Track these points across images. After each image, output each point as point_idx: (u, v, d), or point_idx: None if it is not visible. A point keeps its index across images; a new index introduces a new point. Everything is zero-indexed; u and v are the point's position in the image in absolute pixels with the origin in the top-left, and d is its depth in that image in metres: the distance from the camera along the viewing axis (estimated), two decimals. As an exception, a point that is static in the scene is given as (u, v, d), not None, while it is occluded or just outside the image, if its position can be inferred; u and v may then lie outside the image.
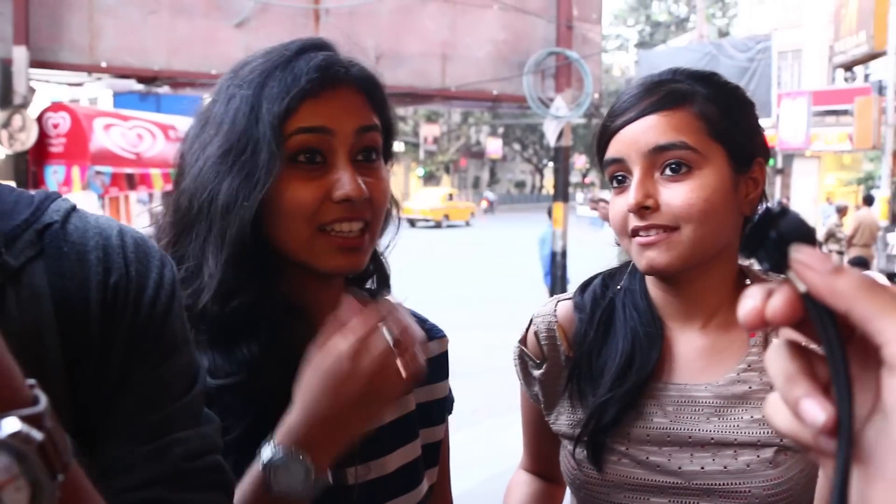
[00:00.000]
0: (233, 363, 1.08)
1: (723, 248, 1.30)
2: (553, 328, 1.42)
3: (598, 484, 1.33)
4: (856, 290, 0.44)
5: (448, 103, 11.71)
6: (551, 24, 10.35)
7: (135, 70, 8.85)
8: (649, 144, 1.24)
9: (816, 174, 32.12)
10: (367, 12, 9.59)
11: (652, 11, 55.07)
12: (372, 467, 1.21)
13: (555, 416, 1.43)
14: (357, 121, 1.12)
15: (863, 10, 16.63)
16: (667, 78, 1.31)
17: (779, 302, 0.46)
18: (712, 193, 1.23)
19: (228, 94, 1.12)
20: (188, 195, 1.11)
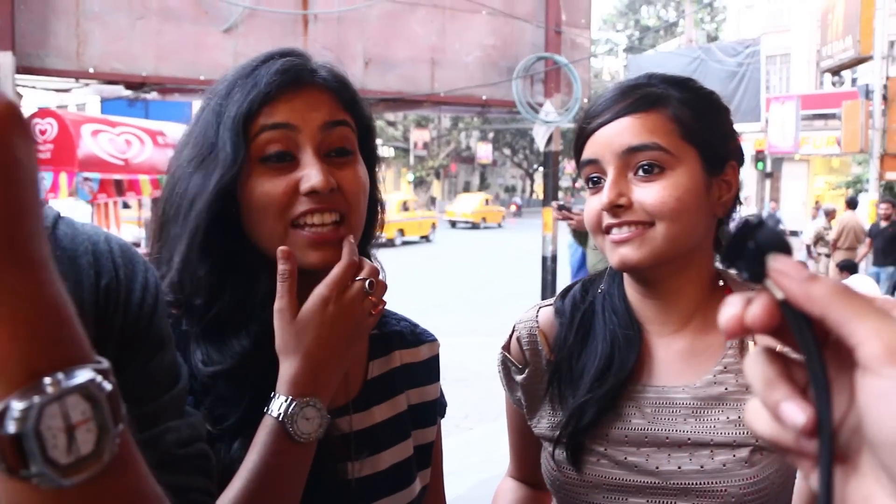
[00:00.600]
0: (225, 355, 1.12)
1: (695, 249, 1.32)
2: (535, 334, 1.43)
3: (577, 484, 1.34)
4: (830, 295, 0.46)
5: (437, 108, 11.72)
6: (540, 30, 10.37)
7: (123, 76, 8.83)
8: (623, 145, 1.26)
9: (805, 177, 32.30)
10: (356, 18, 9.59)
11: (641, 16, 55.28)
12: (364, 465, 1.24)
13: (536, 419, 1.44)
14: (322, 116, 1.14)
15: (849, 16, 16.73)
16: (642, 82, 1.33)
17: (758, 309, 0.48)
18: (684, 193, 1.25)
19: (206, 103, 1.18)
20: (164, 200, 1.19)
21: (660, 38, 46.78)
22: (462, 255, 23.79)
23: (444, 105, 10.71)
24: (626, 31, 54.56)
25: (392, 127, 43.42)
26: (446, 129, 48.55)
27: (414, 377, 1.38)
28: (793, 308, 0.47)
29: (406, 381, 1.36)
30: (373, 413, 1.28)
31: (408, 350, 1.38)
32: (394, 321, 1.40)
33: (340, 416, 1.23)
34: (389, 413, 1.31)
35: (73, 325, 0.57)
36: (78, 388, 0.55)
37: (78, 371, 0.56)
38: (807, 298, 0.47)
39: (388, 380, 1.33)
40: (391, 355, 1.35)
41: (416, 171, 46.44)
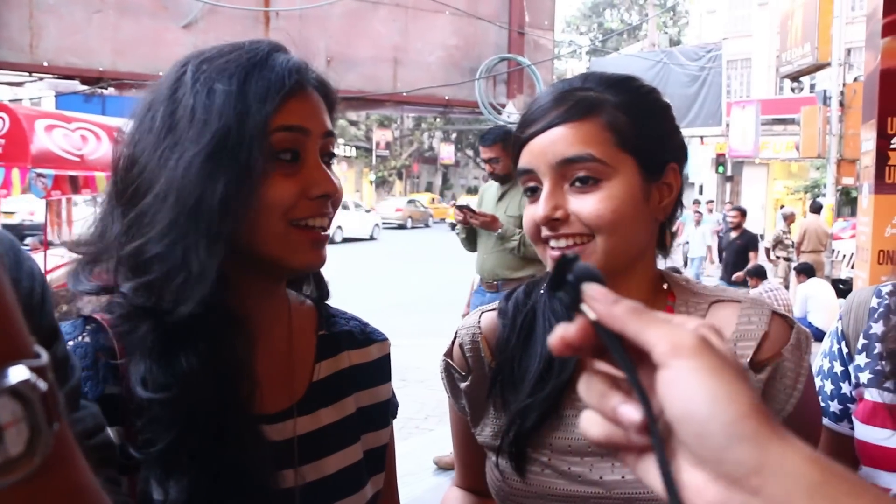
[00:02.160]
0: (168, 375, 1.05)
1: (638, 256, 1.30)
2: (477, 339, 1.42)
3: (521, 494, 1.32)
4: (627, 313, 0.59)
5: (399, 108, 11.68)
6: (503, 30, 10.37)
7: (78, 70, 8.66)
8: (557, 157, 1.24)
9: (765, 181, 32.79)
10: (318, 15, 9.52)
11: (604, 19, 55.72)
12: (309, 470, 1.21)
13: (480, 427, 1.42)
14: (324, 125, 1.17)
15: (807, 23, 16.97)
16: (577, 85, 1.30)
17: (574, 328, 0.61)
18: (620, 204, 1.23)
19: (204, 85, 1.09)
20: (168, 194, 1.06)
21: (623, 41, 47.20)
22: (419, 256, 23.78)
23: (406, 105, 10.67)
24: (590, 34, 54.94)
25: (354, 126, 43.27)
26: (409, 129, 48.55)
27: (364, 378, 1.34)
28: (603, 326, 0.59)
29: (355, 382, 1.33)
30: (319, 416, 1.25)
31: (357, 350, 1.35)
32: (343, 321, 1.37)
33: (284, 420, 1.20)
34: (337, 416, 1.27)
35: (8, 316, 0.56)
36: (7, 389, 0.54)
37: (10, 369, 0.55)
38: (610, 317, 0.59)
39: (336, 381, 1.30)
40: (339, 356, 1.32)
41: (378, 171, 46.34)
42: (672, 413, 0.57)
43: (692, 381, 0.56)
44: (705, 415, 0.55)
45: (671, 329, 0.58)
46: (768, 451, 0.54)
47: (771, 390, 1.29)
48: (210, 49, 1.16)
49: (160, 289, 1.05)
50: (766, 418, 0.56)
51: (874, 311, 1.51)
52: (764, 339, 1.29)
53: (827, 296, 10.88)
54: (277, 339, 1.26)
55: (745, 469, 0.54)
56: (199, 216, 1.05)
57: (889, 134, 4.74)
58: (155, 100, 1.12)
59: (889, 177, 4.77)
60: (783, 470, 0.54)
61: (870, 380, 1.46)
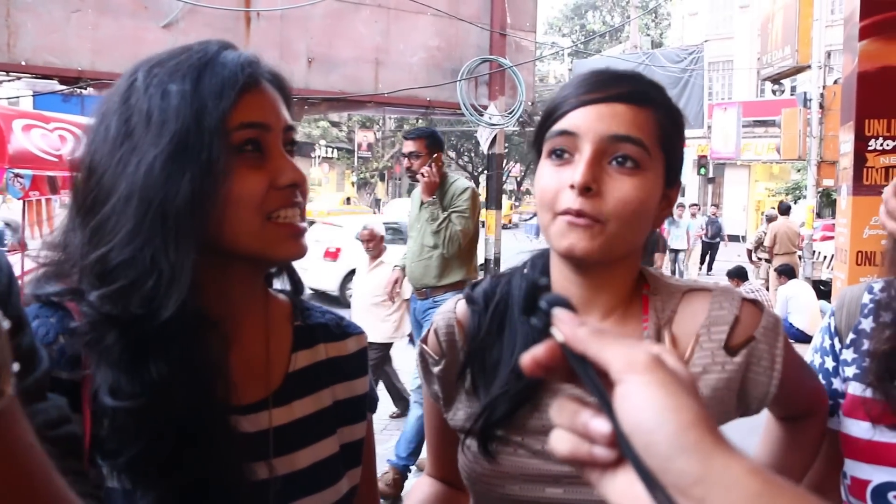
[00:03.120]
0: (136, 383, 1.03)
1: (631, 252, 1.33)
2: (452, 324, 1.43)
3: (493, 475, 1.33)
4: (589, 336, 0.64)
5: (381, 109, 11.65)
6: (485, 32, 10.38)
7: (57, 70, 8.58)
8: (611, 130, 1.23)
9: (747, 183, 33.01)
10: (300, 16, 9.48)
11: (587, 21, 55.88)
12: (284, 462, 1.21)
13: (453, 412, 1.43)
14: (284, 119, 1.18)
15: (788, 26, 17.11)
16: (630, 75, 1.32)
17: (542, 349, 0.66)
18: (647, 197, 1.25)
19: (157, 88, 1.09)
20: (130, 198, 1.05)
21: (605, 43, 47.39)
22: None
23: (387, 106, 10.65)
24: (572, 36, 55.05)
25: (336, 128, 43.17)
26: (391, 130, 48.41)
27: (341, 371, 1.34)
28: (569, 348, 0.64)
29: (332, 375, 1.32)
30: (294, 408, 1.25)
31: (334, 343, 1.35)
32: (318, 314, 1.37)
33: (259, 411, 1.20)
34: (312, 408, 1.27)
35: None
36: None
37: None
38: (574, 339, 0.64)
39: (313, 373, 1.30)
40: (316, 348, 1.32)
41: (359, 172, 46.23)
42: (625, 425, 0.60)
43: (642, 395, 0.60)
44: (652, 425, 0.58)
45: (627, 349, 0.62)
46: (711, 462, 0.57)
47: (750, 374, 1.32)
48: (158, 55, 1.16)
49: (129, 296, 1.04)
50: (709, 429, 0.59)
51: (865, 307, 1.53)
52: (736, 324, 1.32)
53: (807, 297, 10.97)
54: (253, 330, 1.26)
55: (688, 479, 0.57)
56: (165, 217, 1.04)
57: (867, 136, 4.78)
58: (108, 110, 1.12)
59: (867, 178, 4.81)
60: (725, 480, 0.56)
61: (855, 374, 1.48)
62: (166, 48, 1.17)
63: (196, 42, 1.17)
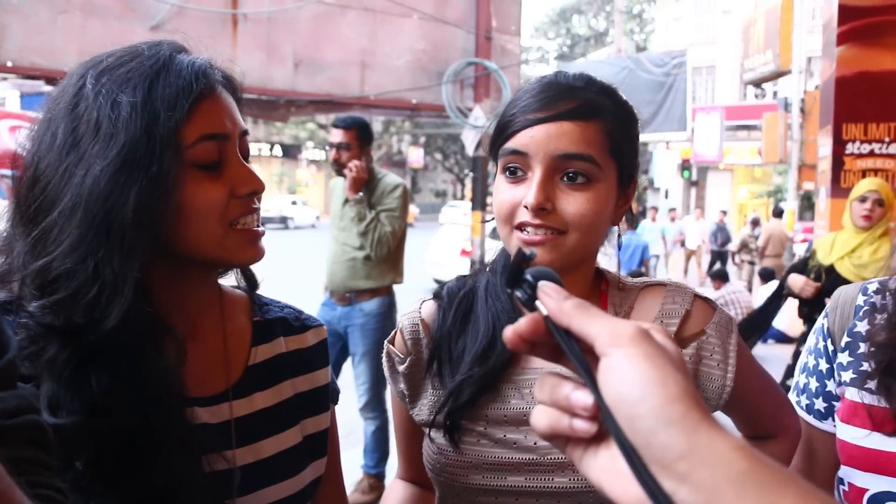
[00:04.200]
0: (76, 398, 1.01)
1: (592, 254, 1.39)
2: (417, 324, 1.47)
3: (456, 465, 1.36)
4: (574, 309, 0.63)
5: (367, 111, 11.66)
6: (470, 35, 10.43)
7: (43, 71, 8.55)
8: (559, 150, 1.27)
9: (729, 186, 33.13)
10: (286, 19, 9.50)
11: (572, 25, 55.95)
12: (246, 453, 1.22)
13: (418, 407, 1.46)
14: (240, 123, 1.18)
15: (769, 30, 17.24)
16: (580, 85, 1.33)
17: (526, 322, 0.64)
18: (602, 207, 1.30)
19: (107, 98, 1.06)
20: (75, 210, 1.04)
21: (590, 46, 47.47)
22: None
23: (373, 108, 10.66)
24: (558, 40, 55.15)
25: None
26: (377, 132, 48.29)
27: (301, 364, 1.36)
28: (553, 321, 0.63)
29: (292, 367, 1.35)
30: (255, 400, 1.27)
31: (293, 337, 1.37)
32: (276, 308, 1.39)
33: (219, 403, 1.22)
34: (273, 400, 1.29)
35: None
36: None
37: None
38: (559, 312, 0.63)
39: (272, 366, 1.32)
40: (276, 341, 1.34)
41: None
42: (609, 398, 0.58)
43: (627, 367, 0.58)
44: (636, 397, 0.57)
45: (613, 322, 0.61)
46: (696, 437, 0.55)
47: (703, 367, 1.38)
48: (107, 56, 1.13)
49: (70, 306, 1.02)
50: (696, 404, 0.57)
51: (860, 308, 1.50)
52: (686, 318, 1.38)
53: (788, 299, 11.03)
54: (210, 324, 1.27)
55: (672, 454, 0.55)
56: (110, 229, 1.03)
57: (844, 140, 4.86)
58: (54, 116, 1.09)
59: (844, 181, 4.90)
60: (711, 456, 0.55)
61: (852, 379, 1.45)
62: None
63: (146, 44, 1.14)
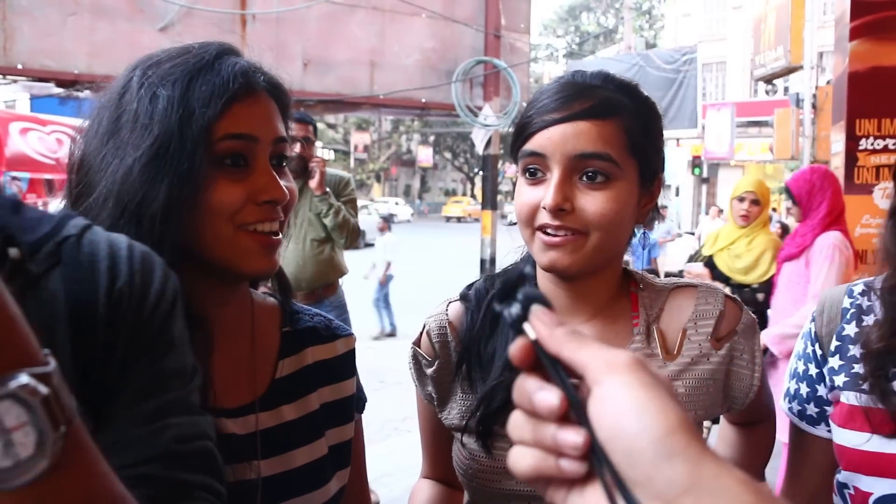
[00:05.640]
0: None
1: (617, 255, 1.37)
2: (444, 327, 1.45)
3: (489, 471, 1.35)
4: (564, 337, 0.59)
5: (376, 111, 11.69)
6: (479, 34, 10.42)
7: (53, 73, 8.61)
8: (576, 150, 1.25)
9: (740, 184, 32.92)
10: (295, 19, 9.51)
11: (581, 22, 55.91)
12: (272, 464, 1.21)
13: (447, 410, 1.44)
14: (275, 131, 1.16)
15: (780, 26, 17.15)
16: (597, 84, 1.32)
17: (516, 347, 0.60)
18: (623, 206, 1.28)
19: (148, 91, 1.08)
20: (108, 197, 1.06)
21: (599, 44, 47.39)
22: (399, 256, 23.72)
23: (383, 107, 10.69)
24: (567, 37, 55.09)
25: (332, 129, 43.20)
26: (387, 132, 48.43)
27: (328, 374, 1.35)
28: (541, 346, 0.59)
29: (319, 378, 1.33)
30: (281, 412, 1.26)
31: (322, 346, 1.36)
32: (307, 317, 1.38)
33: (246, 415, 1.21)
34: (299, 412, 1.28)
35: (12, 328, 0.59)
36: (8, 393, 0.58)
37: (13, 375, 0.58)
38: (550, 338, 0.59)
39: (299, 378, 1.31)
40: (303, 353, 1.33)
41: (356, 173, 46.18)
42: (603, 430, 0.55)
43: (623, 395, 0.55)
44: (635, 429, 0.53)
45: (605, 350, 0.58)
46: (701, 470, 0.52)
47: (734, 368, 1.38)
48: (161, 53, 1.15)
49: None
50: (695, 435, 0.54)
51: (846, 311, 1.47)
52: (721, 318, 1.37)
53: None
54: (240, 336, 1.26)
55: (676, 488, 0.52)
56: (140, 220, 1.04)
57: (857, 136, 4.82)
58: (104, 104, 1.12)
59: (858, 177, 4.86)
60: (716, 490, 0.52)
61: (845, 383, 1.42)
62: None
63: (199, 43, 1.15)
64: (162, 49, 1.16)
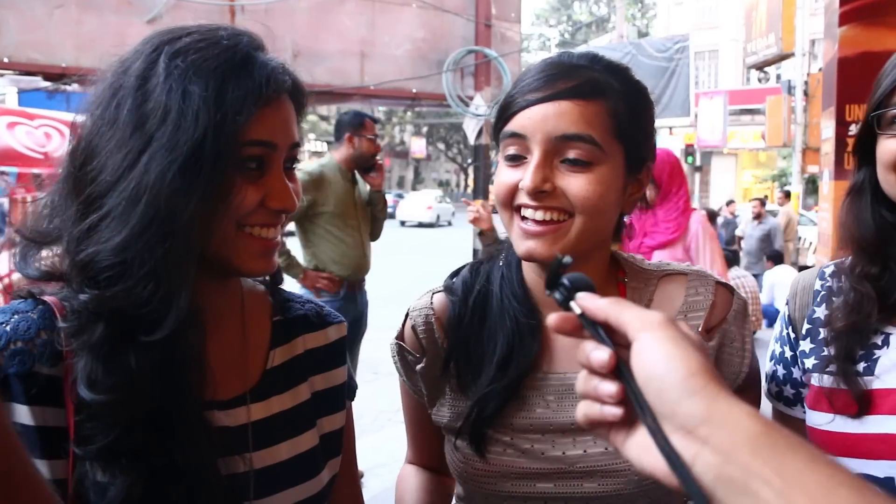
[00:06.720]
0: (115, 376, 1.01)
1: (602, 242, 1.33)
2: (430, 320, 1.42)
3: (484, 475, 1.33)
4: (608, 304, 0.74)
5: (367, 101, 11.63)
6: (470, 23, 10.38)
7: (41, 66, 8.55)
8: (558, 130, 1.21)
9: (734, 171, 33.04)
10: (284, 9, 9.46)
11: (573, 12, 55.80)
12: (264, 456, 1.21)
13: (437, 408, 1.42)
14: (292, 137, 1.15)
15: (772, 13, 17.15)
16: (584, 64, 1.28)
17: (561, 320, 0.78)
18: (606, 191, 1.23)
19: (179, 84, 1.03)
20: (136, 201, 1.01)
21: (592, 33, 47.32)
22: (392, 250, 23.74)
23: (374, 98, 10.65)
24: (559, 27, 54.99)
25: (325, 122, 43.05)
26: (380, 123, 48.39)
27: (319, 362, 1.34)
28: (586, 317, 0.75)
29: (310, 367, 1.32)
30: (272, 403, 1.25)
31: (313, 334, 1.35)
32: (298, 304, 1.37)
33: (238, 406, 1.20)
34: (291, 403, 1.27)
35: None
36: None
37: None
38: (597, 309, 0.75)
39: (290, 368, 1.30)
40: (294, 342, 1.32)
41: (350, 165, 46.07)
42: (640, 377, 0.68)
43: (655, 347, 0.68)
44: (662, 372, 0.66)
45: (641, 311, 0.72)
46: (715, 404, 0.64)
47: (723, 355, 1.36)
48: (183, 33, 1.10)
49: (123, 300, 1.02)
50: (714, 377, 0.66)
51: (818, 293, 1.49)
52: (712, 308, 1.35)
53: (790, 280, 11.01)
54: (230, 326, 1.25)
55: (695, 420, 0.64)
56: (173, 228, 1.01)
57: (847, 121, 4.80)
58: (122, 86, 1.06)
59: (848, 163, 4.84)
60: (728, 421, 0.63)
61: (815, 365, 1.44)
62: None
63: (225, 30, 1.12)
64: (182, 28, 1.11)
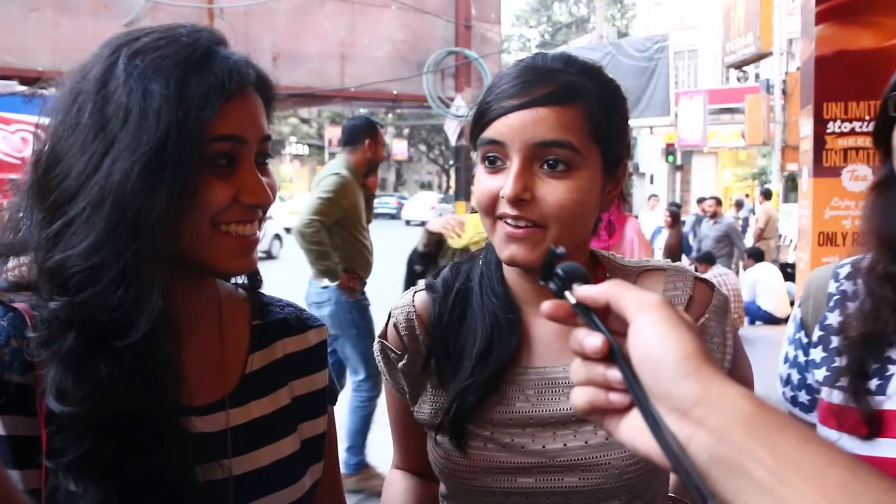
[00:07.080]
0: (85, 386, 0.99)
1: (581, 244, 1.33)
2: (412, 318, 1.41)
3: (465, 470, 1.33)
4: (607, 287, 0.74)
5: (348, 104, 11.61)
6: (450, 24, 10.40)
7: (17, 70, 8.45)
8: (536, 138, 1.21)
9: (714, 170, 33.24)
10: (263, 12, 9.44)
11: (553, 12, 55.97)
12: (243, 461, 1.19)
13: (418, 405, 1.42)
14: (261, 130, 1.13)
15: (750, 13, 17.27)
16: (559, 67, 1.27)
17: (556, 308, 0.78)
18: (584, 195, 1.23)
19: (139, 83, 1.01)
20: (102, 204, 0.99)
21: (572, 34, 47.47)
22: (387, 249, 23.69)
23: (354, 100, 10.63)
24: (539, 28, 55.14)
25: (306, 124, 42.97)
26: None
27: (299, 367, 1.32)
28: (581, 306, 0.76)
29: (290, 372, 1.30)
30: (252, 408, 1.23)
31: (293, 338, 1.32)
32: (277, 308, 1.34)
33: (216, 412, 1.18)
34: (270, 408, 1.25)
35: None
36: None
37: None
38: (596, 294, 0.75)
39: (270, 373, 1.27)
40: (273, 346, 1.29)
41: (331, 168, 46.02)
42: (636, 358, 0.69)
43: (652, 329, 0.69)
44: (658, 354, 0.67)
45: (640, 293, 0.73)
46: (709, 386, 0.65)
47: None
48: (141, 34, 1.07)
49: (93, 306, 0.99)
50: (708, 359, 0.67)
51: (831, 296, 1.43)
52: (689, 303, 1.35)
53: (774, 279, 11.09)
54: (207, 330, 1.23)
55: (689, 401, 0.65)
56: (139, 229, 0.99)
57: (825, 119, 4.84)
58: (83, 88, 1.04)
59: (826, 160, 4.88)
60: (722, 402, 0.64)
61: (825, 378, 1.39)
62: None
63: (185, 28, 1.09)
64: (140, 28, 1.09)
